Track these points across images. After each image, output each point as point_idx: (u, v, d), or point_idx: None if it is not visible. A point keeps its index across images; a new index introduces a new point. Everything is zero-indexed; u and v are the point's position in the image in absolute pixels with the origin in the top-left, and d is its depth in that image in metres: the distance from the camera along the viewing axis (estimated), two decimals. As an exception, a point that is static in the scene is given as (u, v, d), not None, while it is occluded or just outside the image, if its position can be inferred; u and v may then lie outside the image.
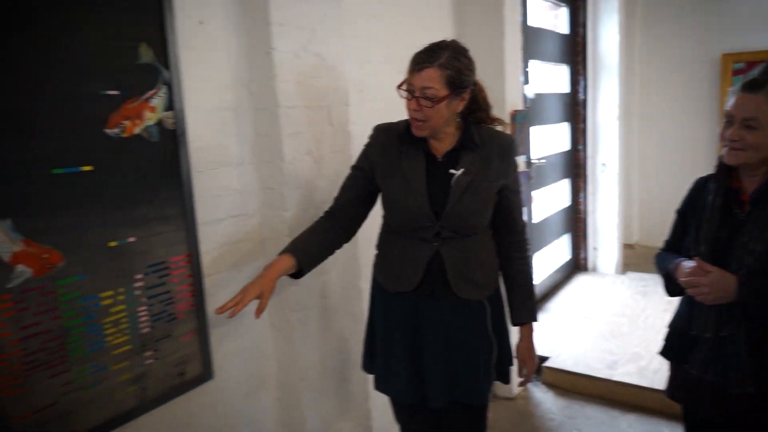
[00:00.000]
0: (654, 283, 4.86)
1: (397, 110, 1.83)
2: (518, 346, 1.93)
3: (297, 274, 1.81)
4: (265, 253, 2.08)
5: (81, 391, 1.55)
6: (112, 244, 1.60)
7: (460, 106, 1.71)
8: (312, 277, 2.08)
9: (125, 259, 1.63)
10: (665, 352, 1.90)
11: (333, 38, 2.14)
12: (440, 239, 1.74)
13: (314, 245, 1.82)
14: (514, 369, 1.96)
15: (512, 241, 1.88)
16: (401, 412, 2.01)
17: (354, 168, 1.91)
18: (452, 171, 1.73)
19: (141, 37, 1.62)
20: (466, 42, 1.74)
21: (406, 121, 1.78)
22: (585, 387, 3.37)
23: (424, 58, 1.64)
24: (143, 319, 1.69)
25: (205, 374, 1.88)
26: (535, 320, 1.93)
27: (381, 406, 2.50)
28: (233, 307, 1.59)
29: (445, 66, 1.62)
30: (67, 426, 1.52)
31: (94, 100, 1.52)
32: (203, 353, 1.87)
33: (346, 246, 2.21)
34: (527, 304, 1.91)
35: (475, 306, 1.80)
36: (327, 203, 2.06)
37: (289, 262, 1.74)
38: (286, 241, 2.01)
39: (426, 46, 1.68)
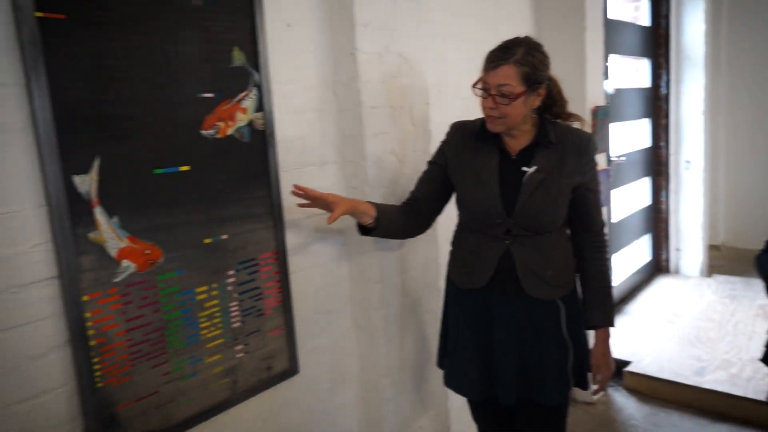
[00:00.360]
0: (744, 286, 4.61)
1: (475, 109, 1.82)
2: (593, 351, 1.87)
3: (366, 230, 1.84)
4: (348, 250, 2.11)
5: (179, 382, 1.62)
6: (207, 241, 1.66)
7: (536, 101, 1.70)
8: (393, 274, 2.10)
9: (219, 255, 1.69)
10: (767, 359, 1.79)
11: (413, 38, 2.14)
12: (511, 236, 1.73)
13: (395, 216, 1.86)
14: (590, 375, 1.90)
15: (589, 241, 1.84)
16: (476, 409, 2.01)
17: (430, 163, 1.93)
18: (524, 168, 1.72)
19: (234, 41, 1.68)
20: (546, 38, 1.72)
21: (482, 119, 1.77)
22: (670, 394, 3.23)
23: (498, 56, 1.63)
24: (234, 313, 1.75)
25: (291, 369, 1.93)
26: (612, 325, 1.85)
27: (460, 405, 2.48)
28: (307, 192, 1.71)
29: (521, 62, 1.61)
30: (166, 415, 1.59)
31: (192, 103, 1.59)
32: (289, 349, 1.91)
33: (425, 245, 2.22)
34: (603, 307, 1.84)
35: (548, 305, 1.76)
36: (409, 202, 2.06)
37: (370, 210, 1.79)
38: (367, 240, 2.04)
39: (499, 44, 1.67)
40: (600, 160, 3.18)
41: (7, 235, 1.27)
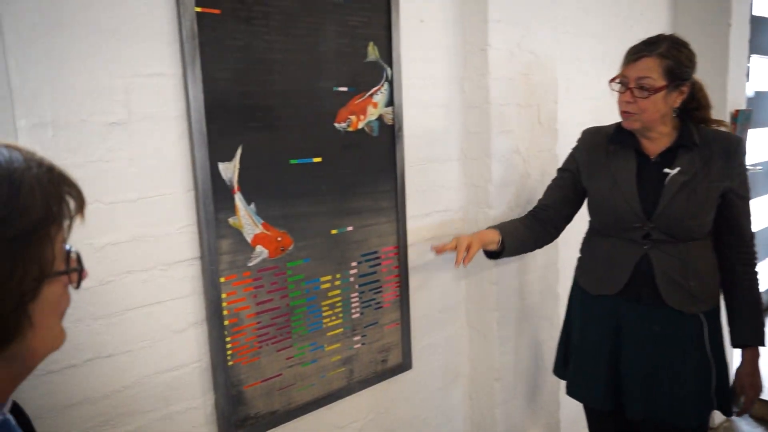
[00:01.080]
0: None
1: (603, 110, 1.75)
2: (739, 371, 1.72)
3: (494, 254, 1.82)
4: (466, 250, 2.08)
5: (300, 367, 1.67)
6: (334, 231, 1.70)
7: (678, 100, 1.60)
8: (512, 277, 2.06)
9: (344, 246, 1.72)
10: None
11: (546, 34, 2.07)
12: (650, 241, 1.64)
13: (520, 233, 1.82)
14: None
15: (737, 252, 1.69)
16: (596, 422, 1.91)
17: (561, 170, 1.89)
18: (667, 170, 1.62)
19: (369, 36, 1.70)
20: (684, 36, 1.61)
21: (617, 123, 1.71)
22: (806, 428, 2.94)
23: (642, 48, 1.58)
24: (354, 304, 1.78)
25: (405, 364, 1.94)
26: (763, 344, 1.70)
27: (571, 416, 2.40)
28: (441, 250, 1.74)
29: (665, 55, 1.54)
30: (287, 397, 1.65)
31: (328, 96, 1.63)
32: (404, 343, 1.92)
33: (545, 249, 2.14)
34: (753, 324, 1.69)
35: (690, 319, 1.64)
36: (532, 202, 2.01)
37: (495, 236, 1.77)
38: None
39: (653, 37, 1.60)
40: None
41: (160, 216, 1.36)
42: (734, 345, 1.72)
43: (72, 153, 1.23)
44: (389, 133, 1.79)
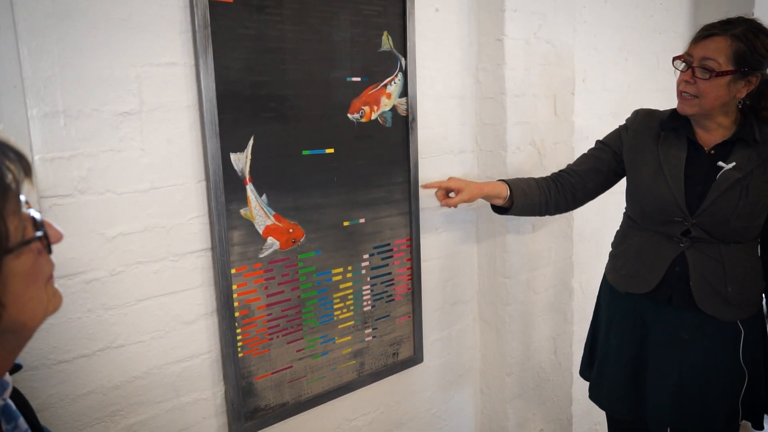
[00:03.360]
0: None
1: (621, 102, 1.68)
2: None
3: (502, 209, 1.75)
4: (479, 244, 2.06)
5: (311, 359, 1.66)
6: (346, 223, 1.68)
7: (743, 91, 1.46)
8: (524, 270, 2.04)
9: (356, 238, 1.71)
10: None
11: (563, 24, 2.03)
12: (689, 239, 1.52)
13: (533, 192, 1.72)
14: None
15: None
16: (615, 428, 1.86)
17: (601, 142, 1.75)
18: (720, 164, 1.49)
19: (384, 26, 1.67)
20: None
21: (672, 109, 1.59)
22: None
23: (715, 26, 1.44)
24: (366, 297, 1.76)
25: (416, 357, 1.92)
26: None
27: (583, 412, 2.38)
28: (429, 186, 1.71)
29: (739, 37, 1.40)
30: (298, 390, 1.64)
31: (342, 86, 1.61)
32: (415, 337, 1.91)
33: (560, 242, 2.12)
34: None
35: (726, 327, 1.54)
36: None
37: (503, 191, 1.70)
38: (499, 234, 1.98)
39: (726, 19, 1.47)
40: None
41: (171, 207, 1.35)
42: None
43: (84, 142, 1.22)
44: (403, 124, 1.76)
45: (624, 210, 1.75)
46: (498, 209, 1.77)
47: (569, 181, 1.75)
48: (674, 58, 1.50)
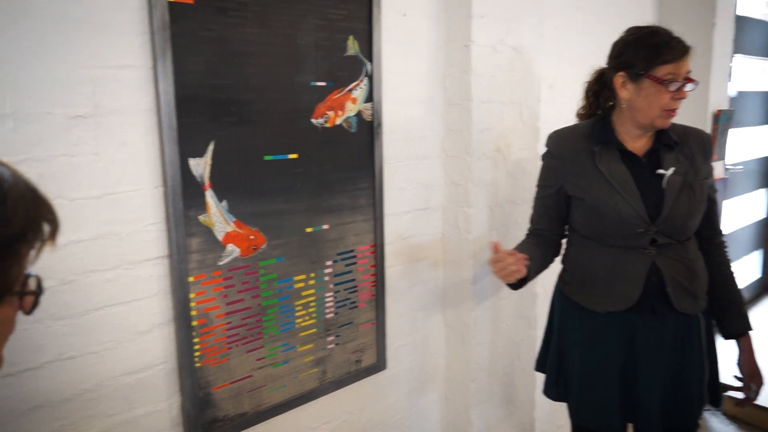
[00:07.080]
0: None
1: None
2: (742, 361, 1.69)
3: (515, 284, 1.64)
4: (445, 248, 2.06)
5: (272, 368, 1.63)
6: (309, 230, 1.66)
7: None
8: (489, 276, 2.03)
9: (319, 245, 1.68)
10: None
11: (531, 31, 2.04)
12: (656, 247, 1.56)
13: (538, 256, 1.68)
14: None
15: (717, 244, 1.69)
16: None
17: (542, 187, 1.73)
18: (661, 171, 1.55)
19: (350, 30, 1.65)
20: None
21: (582, 123, 1.65)
22: (776, 425, 2.97)
23: (682, 42, 1.50)
24: (329, 304, 1.74)
25: (379, 364, 1.91)
26: (752, 329, 1.69)
27: (546, 415, 2.40)
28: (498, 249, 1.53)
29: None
30: (257, 399, 1.61)
31: (306, 91, 1.58)
32: (379, 343, 1.89)
33: (526, 249, 2.12)
34: (741, 311, 1.68)
35: (692, 321, 1.62)
36: (511, 201, 1.99)
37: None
38: (467, 238, 1.97)
39: (660, 30, 1.50)
40: (717, 168, 2.96)
41: (126, 213, 1.31)
42: (729, 337, 1.70)
43: (34, 147, 1.17)
44: (368, 130, 1.74)
45: (567, 230, 1.73)
46: (512, 285, 1.66)
47: (545, 237, 1.74)
48: (660, 80, 1.47)
